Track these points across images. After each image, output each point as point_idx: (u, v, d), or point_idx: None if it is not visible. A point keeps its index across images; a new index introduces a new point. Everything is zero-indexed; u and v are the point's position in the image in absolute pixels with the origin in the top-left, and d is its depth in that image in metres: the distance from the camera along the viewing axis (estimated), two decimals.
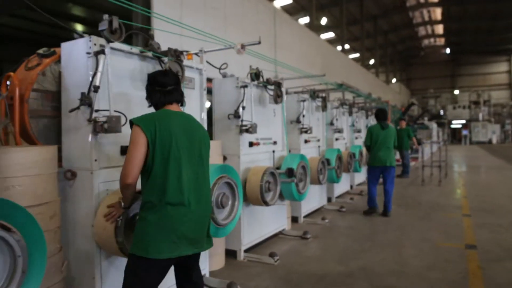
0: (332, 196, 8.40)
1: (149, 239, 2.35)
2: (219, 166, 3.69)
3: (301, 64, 17.25)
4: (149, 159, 2.40)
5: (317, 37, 20.33)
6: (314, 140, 7.19)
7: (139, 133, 2.38)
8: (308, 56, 18.60)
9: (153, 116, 2.51)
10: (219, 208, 3.65)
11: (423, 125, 23.01)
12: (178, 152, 2.46)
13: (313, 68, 18.35)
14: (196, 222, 2.51)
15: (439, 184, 10.61)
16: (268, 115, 5.49)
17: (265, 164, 5.23)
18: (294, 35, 17.35)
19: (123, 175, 2.39)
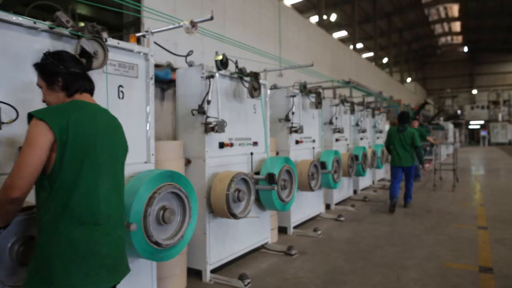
0: (331, 202, 7.54)
1: (54, 274, 1.72)
2: (160, 173, 2.91)
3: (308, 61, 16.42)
4: (55, 165, 1.74)
5: (325, 34, 19.40)
6: (309, 140, 6.36)
7: (42, 130, 1.71)
8: (316, 53, 17.68)
9: (64, 108, 1.83)
10: (161, 225, 2.87)
11: (438, 126, 21.79)
12: (97, 156, 1.84)
13: (321, 67, 17.46)
14: (116, 244, 1.93)
15: (452, 189, 9.61)
16: (246, 112, 4.70)
17: (241, 169, 4.45)
18: (301, 32, 16.47)
19: (8, 186, 1.69)
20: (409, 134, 7.31)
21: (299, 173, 5.62)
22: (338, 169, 6.64)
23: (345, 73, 19.59)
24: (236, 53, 8.36)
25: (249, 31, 12.40)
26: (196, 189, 3.99)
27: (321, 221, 6.53)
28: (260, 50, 13.03)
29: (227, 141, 4.31)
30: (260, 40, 13.09)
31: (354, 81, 14.42)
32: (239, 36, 11.32)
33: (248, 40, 11.93)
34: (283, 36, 14.78)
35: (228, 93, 4.38)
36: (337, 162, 6.58)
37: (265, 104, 5.08)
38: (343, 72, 19.60)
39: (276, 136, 5.82)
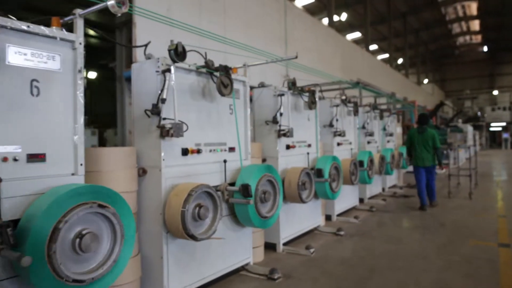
0: (333, 213, 6.75)
1: None
2: (74, 188, 2.24)
3: (316, 63, 15.60)
4: None
5: (336, 34, 18.57)
6: (303, 145, 5.62)
7: None
8: (326, 54, 16.89)
9: None
10: (78, 255, 2.20)
11: (457, 128, 20.60)
12: None
13: (331, 68, 16.67)
14: None
15: (469, 197, 8.66)
16: (220, 113, 4.01)
17: (211, 180, 3.75)
18: (308, 31, 15.70)
19: None
20: (429, 135, 7.57)
21: (287, 182, 4.89)
22: (337, 177, 5.86)
23: (358, 74, 18.67)
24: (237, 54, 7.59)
25: (252, 31, 11.74)
26: (151, 204, 3.35)
27: (318, 236, 5.76)
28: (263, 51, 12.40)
29: (193, 147, 3.62)
30: (264, 41, 12.41)
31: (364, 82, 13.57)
32: (241, 36, 10.69)
33: (251, 40, 11.30)
34: (289, 36, 14.05)
35: (194, 91, 3.69)
36: (335, 169, 5.80)
37: (245, 104, 4.37)
38: (355, 73, 18.70)
39: (262, 140, 5.11)
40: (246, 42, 10.99)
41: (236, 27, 11.00)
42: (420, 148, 7.64)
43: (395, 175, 10.75)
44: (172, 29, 8.33)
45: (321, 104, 6.76)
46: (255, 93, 5.21)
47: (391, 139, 10.40)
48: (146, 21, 7.78)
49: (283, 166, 5.09)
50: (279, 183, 4.25)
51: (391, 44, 29.78)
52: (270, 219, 4.08)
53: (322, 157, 5.79)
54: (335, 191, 5.71)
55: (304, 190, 4.97)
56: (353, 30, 29.99)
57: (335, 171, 5.80)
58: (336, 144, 6.81)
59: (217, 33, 9.79)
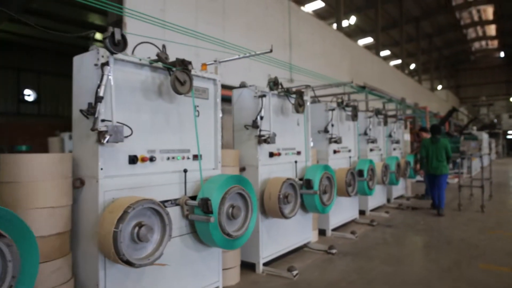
0: (327, 228, 6.10)
1: None
2: None
3: (323, 67, 14.95)
4: None
5: (344, 38, 17.91)
6: (290, 152, 5.02)
7: None
8: (333, 58, 16.24)
9: None
10: None
11: (471, 135, 19.64)
12: None
13: (338, 73, 16.01)
14: None
15: (482, 210, 7.88)
16: (182, 115, 3.45)
17: (167, 193, 3.18)
18: (315, 34, 15.10)
19: None
20: (442, 145, 7.93)
21: (267, 195, 4.28)
22: (330, 188, 5.22)
23: (367, 80, 17.94)
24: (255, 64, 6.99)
25: (253, 34, 11.21)
26: (88, 222, 2.81)
27: (307, 255, 5.11)
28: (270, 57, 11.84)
29: (145, 154, 3.07)
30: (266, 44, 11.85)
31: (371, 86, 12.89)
32: (241, 39, 10.16)
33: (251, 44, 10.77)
34: (293, 39, 13.48)
35: (148, 89, 3.15)
36: (328, 179, 5.17)
37: (215, 106, 3.79)
38: (364, 78, 17.98)
39: (241, 147, 4.53)
40: (247, 45, 10.45)
41: (236, 29, 10.48)
42: (433, 157, 7.92)
43: (402, 185, 10.01)
44: (166, 30, 7.85)
45: (316, 108, 6.16)
46: (235, 94, 4.64)
47: (398, 147, 9.69)
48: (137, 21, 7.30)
49: (265, 176, 4.48)
50: (252, 196, 3.64)
51: (403, 49, 28.90)
52: (238, 239, 3.48)
53: (312, 166, 5.16)
54: (327, 204, 5.07)
55: (286, 204, 4.36)
56: (365, 35, 29.28)
57: (327, 181, 5.16)
58: (332, 152, 6.17)
59: (215, 35, 9.28)
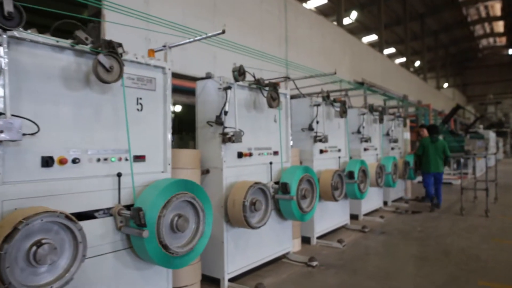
0: (312, 235, 5.49)
1: None
2: None
3: (322, 64, 14.30)
4: None
5: (344, 33, 17.24)
6: (265, 152, 4.42)
7: None
8: (333, 55, 15.59)
9: None
10: None
11: (477, 134, 18.81)
12: None
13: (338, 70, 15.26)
14: None
15: (486, 215, 7.20)
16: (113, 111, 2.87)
17: (103, 200, 2.61)
18: (314, 30, 14.48)
19: None
20: (441, 145, 8.24)
21: (231, 202, 3.69)
22: (311, 193, 4.62)
23: (369, 77, 17.25)
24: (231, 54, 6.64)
25: (247, 29, 10.63)
26: None
27: (283, 267, 4.51)
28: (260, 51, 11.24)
29: (63, 155, 2.50)
30: (261, 39, 11.28)
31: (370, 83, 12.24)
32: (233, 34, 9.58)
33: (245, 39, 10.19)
34: (290, 34, 12.86)
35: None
36: (308, 183, 4.57)
37: (164, 98, 3.21)
38: (366, 76, 17.29)
39: (205, 146, 3.95)
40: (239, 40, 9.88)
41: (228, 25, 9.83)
42: (433, 156, 8.13)
43: (401, 187, 9.35)
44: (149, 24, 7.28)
45: (300, 103, 5.56)
46: (198, 86, 4.06)
47: (396, 146, 9.03)
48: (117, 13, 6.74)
49: (232, 179, 3.89)
50: (206, 206, 3.06)
51: (407, 47, 28.07)
52: (184, 258, 2.89)
53: (290, 168, 4.56)
54: (306, 211, 4.46)
55: (254, 212, 3.76)
56: (369, 32, 28.51)
57: (308, 185, 4.56)
58: (317, 152, 5.56)
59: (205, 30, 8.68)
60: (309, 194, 4.56)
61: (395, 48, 32.05)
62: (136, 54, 2.97)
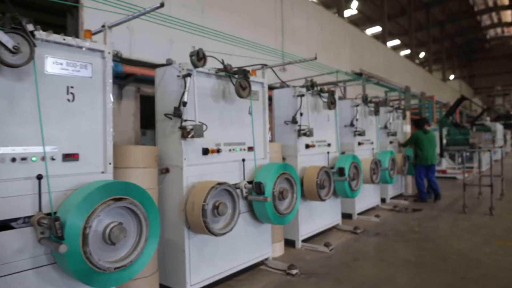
0: (297, 238, 4.99)
1: None
2: None
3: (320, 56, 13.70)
4: None
5: (344, 23, 16.61)
6: (238, 148, 3.94)
7: None
8: (332, 46, 14.96)
9: None
10: None
11: (484, 127, 18.11)
12: None
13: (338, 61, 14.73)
14: None
15: (490, 213, 6.65)
16: None
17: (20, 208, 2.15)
18: (311, 20, 13.87)
19: None
20: (433, 136, 8.25)
21: (190, 205, 3.21)
22: (291, 192, 4.13)
23: (371, 69, 16.59)
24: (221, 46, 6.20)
25: (238, 18, 10.08)
26: None
27: (259, 275, 4.03)
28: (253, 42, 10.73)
29: None
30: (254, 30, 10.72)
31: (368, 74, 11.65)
32: (224, 24, 9.09)
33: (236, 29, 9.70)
34: (286, 25, 12.29)
35: None
36: (287, 181, 4.08)
37: (104, 85, 2.73)
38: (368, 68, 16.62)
39: (163, 143, 3.48)
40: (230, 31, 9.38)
41: (218, 12, 9.35)
42: (429, 148, 7.94)
43: (401, 183, 8.82)
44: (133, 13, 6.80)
45: (282, 94, 5.06)
46: (158, 74, 3.58)
47: (396, 140, 8.49)
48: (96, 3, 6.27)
49: (194, 179, 3.41)
50: (151, 211, 2.58)
51: (412, 38, 27.27)
52: (123, 271, 2.43)
53: (266, 165, 4.07)
54: (285, 213, 3.98)
55: (216, 217, 3.28)
56: (373, 24, 27.75)
57: (286, 184, 4.07)
58: (303, 147, 5.05)
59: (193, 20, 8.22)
60: (288, 194, 4.07)
61: (399, 39, 31.23)
62: (64, 35, 2.49)
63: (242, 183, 3.82)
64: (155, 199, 3.25)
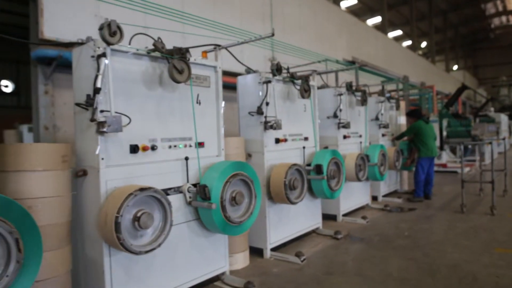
0: (265, 247, 4.31)
1: None
2: None
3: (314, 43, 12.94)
4: None
5: (340, 11, 15.79)
6: (181, 145, 3.25)
7: None
8: (326, 34, 14.13)
9: None
10: None
11: (488, 117, 17.26)
12: None
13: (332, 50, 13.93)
14: None
15: (491, 212, 5.93)
16: None
17: None
18: (303, 6, 13.05)
19: None
20: (432, 126, 7.58)
21: (102, 217, 2.54)
22: (248, 196, 3.44)
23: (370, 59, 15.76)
24: None
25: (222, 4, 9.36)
26: None
27: None
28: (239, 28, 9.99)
29: None
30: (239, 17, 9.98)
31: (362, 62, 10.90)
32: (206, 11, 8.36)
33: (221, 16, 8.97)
34: (276, 11, 11.49)
35: None
36: (244, 183, 3.39)
37: None
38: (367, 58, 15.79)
39: (81, 140, 2.81)
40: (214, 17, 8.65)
41: None
42: (431, 139, 7.29)
43: (396, 179, 8.12)
44: (100, 3, 6.15)
45: (247, 82, 4.35)
46: (74, 56, 2.89)
47: (389, 132, 7.76)
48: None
49: (117, 183, 2.72)
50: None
51: (413, 28, 26.26)
52: None
53: (215, 164, 3.37)
54: (239, 221, 3.29)
55: (138, 230, 2.60)
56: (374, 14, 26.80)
57: (243, 186, 3.38)
58: (271, 142, 4.35)
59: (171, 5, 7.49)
60: (245, 199, 3.38)
61: (401, 30, 30.22)
62: None
63: (186, 186, 3.14)
64: (66, 208, 2.59)
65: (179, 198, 3.12)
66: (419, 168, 7.29)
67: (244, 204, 3.40)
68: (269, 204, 4.24)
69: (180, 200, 3.13)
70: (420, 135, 7.27)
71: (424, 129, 7.25)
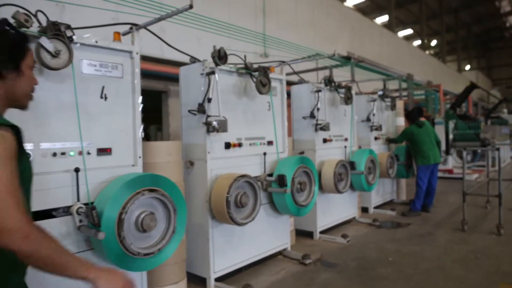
0: (208, 276, 3.44)
1: None
2: None
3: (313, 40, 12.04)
4: None
5: (341, 6, 14.85)
6: None
7: None
8: (326, 30, 13.24)
9: None
10: None
11: (500, 119, 16.07)
12: None
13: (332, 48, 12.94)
14: None
15: (498, 232, 4.96)
16: None
17: None
18: (300, 1, 12.16)
19: None
20: (431, 129, 6.59)
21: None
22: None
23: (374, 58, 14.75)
24: None
25: None
26: None
27: None
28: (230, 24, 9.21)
29: None
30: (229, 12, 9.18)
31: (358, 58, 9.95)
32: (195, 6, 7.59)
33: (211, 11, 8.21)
34: (270, 7, 10.68)
35: None
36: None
37: None
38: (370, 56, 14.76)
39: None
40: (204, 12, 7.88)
41: None
42: (428, 144, 6.34)
43: (392, 188, 7.19)
44: None
45: (190, 74, 3.52)
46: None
47: (382, 136, 6.83)
48: None
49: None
50: None
51: (423, 26, 25.06)
52: None
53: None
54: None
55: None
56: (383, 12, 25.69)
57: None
58: (221, 147, 3.49)
59: None
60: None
61: (412, 29, 28.99)
62: None
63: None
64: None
65: None
66: (418, 178, 6.40)
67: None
68: (213, 224, 3.40)
69: None
70: (412, 141, 6.43)
71: (417, 134, 6.33)
